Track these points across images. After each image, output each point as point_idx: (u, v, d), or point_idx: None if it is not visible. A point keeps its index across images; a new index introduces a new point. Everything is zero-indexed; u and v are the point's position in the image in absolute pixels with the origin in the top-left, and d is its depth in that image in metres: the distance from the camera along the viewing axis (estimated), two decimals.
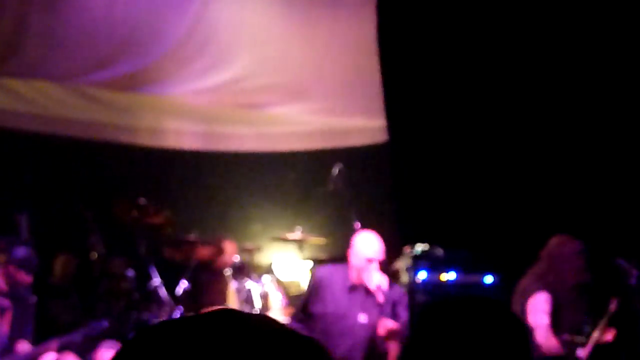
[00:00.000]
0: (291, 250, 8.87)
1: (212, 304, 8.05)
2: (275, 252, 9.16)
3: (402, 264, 8.35)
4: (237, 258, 8.59)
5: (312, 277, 6.16)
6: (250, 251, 8.92)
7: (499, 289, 8.08)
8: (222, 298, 8.36)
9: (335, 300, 5.80)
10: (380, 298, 5.78)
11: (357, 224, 7.50)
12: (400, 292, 6.10)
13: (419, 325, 2.36)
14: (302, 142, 9.66)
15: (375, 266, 5.82)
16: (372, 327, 5.78)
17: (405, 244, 8.29)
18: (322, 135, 9.67)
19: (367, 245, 5.89)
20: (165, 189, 9.31)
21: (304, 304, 5.99)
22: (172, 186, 9.50)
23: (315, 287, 5.91)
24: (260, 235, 9.40)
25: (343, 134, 9.64)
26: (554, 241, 6.57)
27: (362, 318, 5.82)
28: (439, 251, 8.27)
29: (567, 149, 8.63)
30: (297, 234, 8.57)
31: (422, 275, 8.20)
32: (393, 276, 7.67)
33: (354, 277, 5.85)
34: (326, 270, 6.04)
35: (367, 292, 5.83)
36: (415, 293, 7.97)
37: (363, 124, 9.64)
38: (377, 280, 5.81)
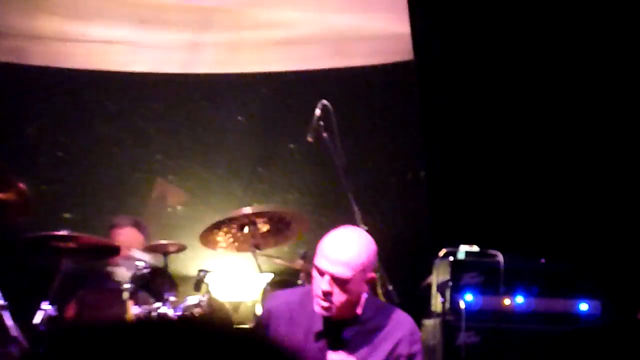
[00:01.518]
0: (239, 253, 7.18)
1: None
2: (210, 254, 7.31)
3: (434, 278, 6.95)
4: (142, 264, 6.75)
5: (257, 317, 5.42)
6: (165, 251, 6.96)
7: (600, 322, 7.03)
8: None
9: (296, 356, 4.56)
10: (346, 333, 4.61)
11: (355, 207, 6.02)
12: (405, 321, 4.65)
13: None
14: (259, 59, 8.29)
15: (326, 282, 4.45)
16: None
17: (440, 246, 7.03)
18: (295, 46, 8.23)
19: (324, 247, 4.58)
20: (17, 134, 8.13)
21: None
22: (29, 131, 8.20)
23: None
24: (183, 224, 7.94)
25: (334, 45, 8.15)
26: None
27: None
28: (498, 258, 6.86)
29: None
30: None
31: (468, 298, 6.79)
32: (421, 298, 7.08)
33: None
34: (279, 302, 4.79)
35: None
36: (454, 328, 6.57)
37: (372, 28, 8.06)
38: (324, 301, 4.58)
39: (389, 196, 7.80)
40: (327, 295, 4.53)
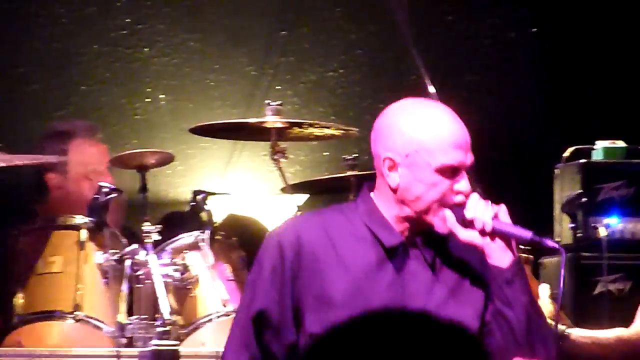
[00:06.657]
0: (253, 161, 6.58)
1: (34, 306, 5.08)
2: (209, 168, 6.67)
3: (556, 192, 5.82)
4: (106, 185, 5.31)
5: (275, 257, 3.56)
6: (141, 165, 5.41)
7: None
8: (63, 294, 5.04)
9: (353, 287, 3.59)
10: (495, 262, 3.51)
11: (428, 82, 4.79)
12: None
13: None
14: None
15: (465, 184, 3.63)
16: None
17: (565, 142, 5.86)
18: None
19: (446, 129, 3.61)
20: None
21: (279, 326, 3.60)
22: None
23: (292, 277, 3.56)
24: (165, 123, 6.59)
25: None
26: None
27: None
28: None
29: None
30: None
31: (611, 222, 5.73)
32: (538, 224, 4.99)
33: (397, 228, 3.62)
34: (309, 232, 3.57)
35: (441, 259, 3.59)
36: (591, 269, 5.53)
37: None
38: (478, 215, 3.53)
39: (478, 65, 6.22)
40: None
